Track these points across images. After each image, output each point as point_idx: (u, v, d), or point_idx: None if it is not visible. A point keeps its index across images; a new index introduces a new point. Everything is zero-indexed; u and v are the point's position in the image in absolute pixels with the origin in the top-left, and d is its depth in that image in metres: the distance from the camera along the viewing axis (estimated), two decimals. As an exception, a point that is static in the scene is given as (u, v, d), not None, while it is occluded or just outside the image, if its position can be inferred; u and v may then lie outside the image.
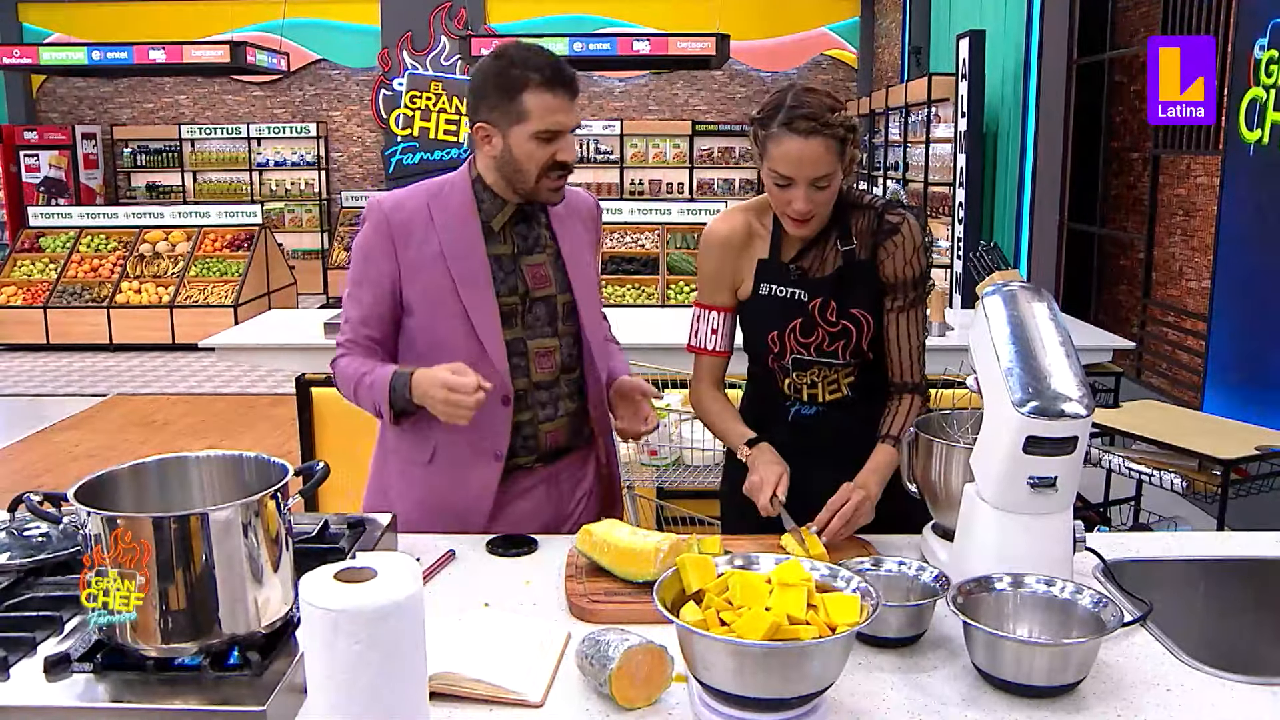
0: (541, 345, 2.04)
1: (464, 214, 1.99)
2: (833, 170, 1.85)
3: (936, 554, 1.82)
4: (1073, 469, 1.60)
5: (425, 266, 1.97)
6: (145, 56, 10.66)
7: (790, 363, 2.02)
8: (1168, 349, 6.22)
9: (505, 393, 2.00)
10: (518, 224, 2.03)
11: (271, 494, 1.39)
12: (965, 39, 8.29)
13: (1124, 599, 1.65)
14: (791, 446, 2.04)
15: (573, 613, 1.64)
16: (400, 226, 1.97)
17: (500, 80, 1.90)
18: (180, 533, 1.31)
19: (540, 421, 2.06)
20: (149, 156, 15.23)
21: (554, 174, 1.94)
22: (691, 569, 1.40)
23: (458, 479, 2.03)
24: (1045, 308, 1.68)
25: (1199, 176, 5.91)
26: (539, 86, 1.88)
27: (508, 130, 1.91)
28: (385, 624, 1.18)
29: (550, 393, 2.07)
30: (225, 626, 1.35)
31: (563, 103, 1.90)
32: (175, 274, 10.05)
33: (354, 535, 1.78)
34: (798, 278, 1.99)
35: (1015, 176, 8.20)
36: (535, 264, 2.04)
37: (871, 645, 1.51)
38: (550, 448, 2.09)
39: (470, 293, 1.97)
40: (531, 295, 2.03)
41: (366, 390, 1.95)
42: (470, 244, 1.98)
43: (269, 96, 15.37)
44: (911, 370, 2.02)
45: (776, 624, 1.25)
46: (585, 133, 15.43)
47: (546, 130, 1.90)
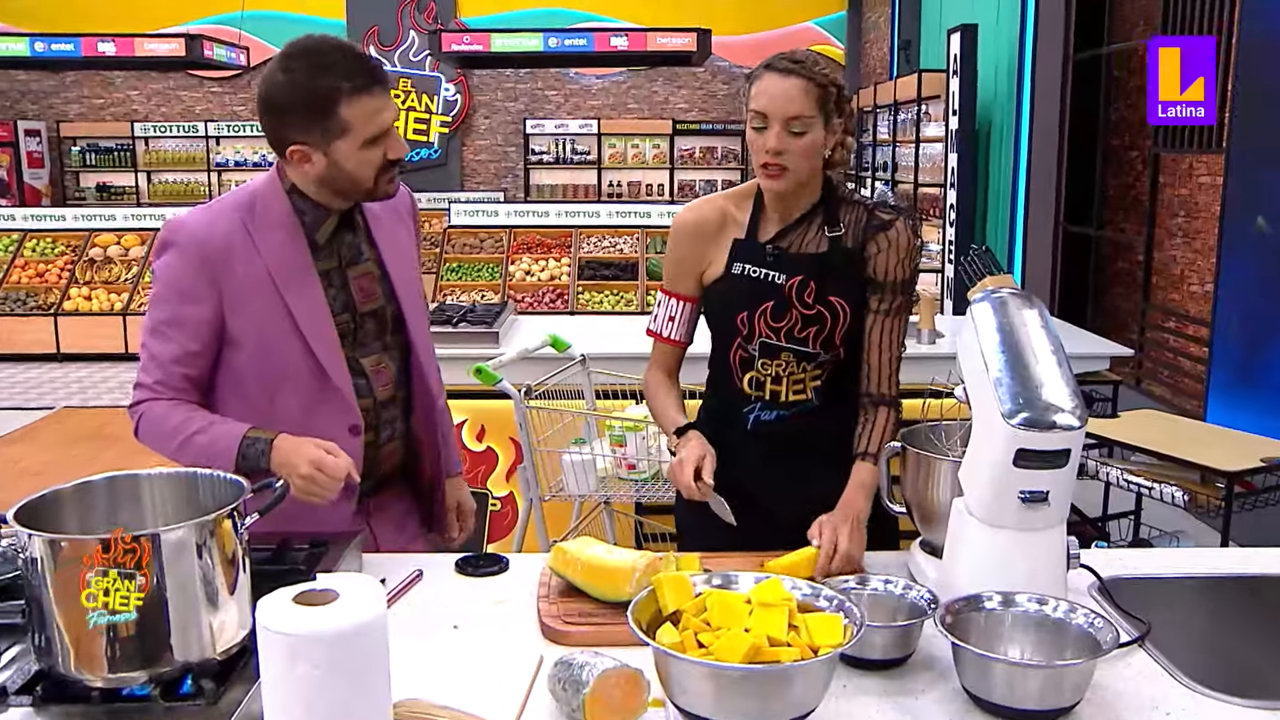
0: (375, 362, 1.99)
1: (287, 230, 1.89)
2: (811, 115, 1.89)
3: (924, 572, 1.83)
4: (1065, 483, 1.61)
5: (251, 294, 1.85)
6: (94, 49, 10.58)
7: (757, 347, 2.02)
8: (1169, 356, 6.27)
9: (354, 421, 1.93)
10: (340, 231, 1.95)
11: (227, 513, 1.39)
12: (957, 33, 8.36)
13: (1121, 618, 1.66)
14: (751, 457, 2.05)
15: (545, 635, 1.64)
16: (217, 253, 1.84)
17: (306, 99, 1.78)
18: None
19: (381, 443, 2.01)
20: (99, 155, 15.17)
21: (389, 170, 1.88)
22: (668, 588, 1.40)
23: (313, 516, 1.86)
24: (1036, 315, 1.70)
25: (1201, 175, 5.96)
26: (353, 94, 1.78)
27: (329, 147, 1.81)
28: (347, 649, 1.17)
29: (390, 411, 2.02)
30: (177, 653, 1.34)
31: (380, 100, 1.81)
32: (129, 280, 9.97)
33: (315, 555, 1.77)
34: (774, 259, 2.00)
35: (1009, 177, 8.26)
36: (360, 275, 1.97)
37: (856, 668, 1.52)
38: (388, 472, 2.06)
39: (307, 317, 1.87)
40: (360, 310, 1.96)
41: (200, 450, 1.80)
42: (299, 263, 1.89)
43: (228, 93, 15.33)
44: (887, 382, 2.02)
45: (756, 646, 1.26)
46: (561, 132, 15.46)
47: (372, 135, 1.82)
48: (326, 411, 1.91)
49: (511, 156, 15.76)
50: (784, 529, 1.90)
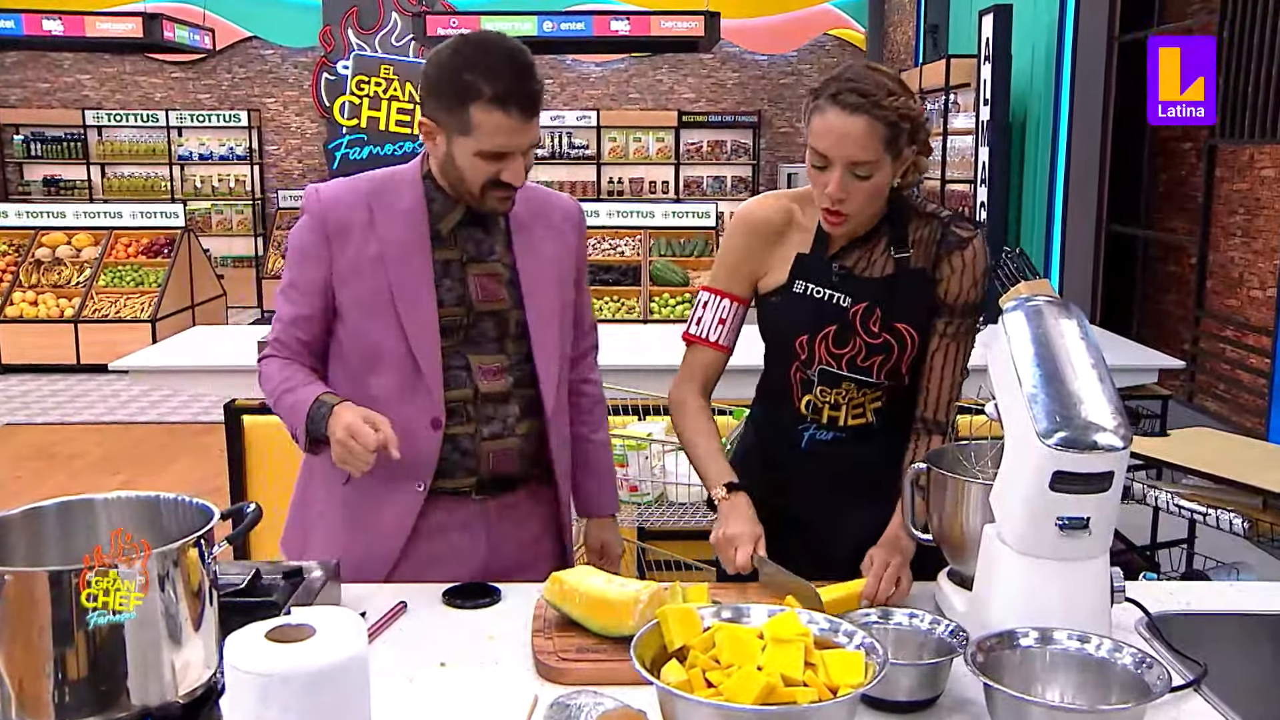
0: (486, 362, 2.06)
1: (412, 215, 2.02)
2: (876, 159, 1.88)
3: (953, 605, 1.83)
4: (1108, 508, 1.62)
5: (362, 271, 2.00)
6: (38, 28, 10.50)
7: (816, 374, 2.04)
8: (1226, 368, 6.28)
9: (435, 414, 2.01)
10: (469, 227, 2.06)
11: (193, 541, 1.39)
12: (989, 15, 8.38)
13: (1173, 659, 1.66)
14: (801, 480, 2.07)
15: (540, 672, 1.65)
16: (336, 224, 2.01)
17: (450, 82, 1.91)
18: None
19: (483, 439, 2.06)
20: (46, 145, 15.18)
21: (500, 189, 1.97)
22: (674, 622, 1.41)
23: (371, 507, 2.05)
24: (1074, 325, 1.71)
25: (1263, 168, 5.95)
26: (490, 102, 1.88)
27: (452, 137, 1.93)
28: (323, 690, 1.18)
29: (499, 408, 2.07)
30: (135, 697, 1.34)
31: (515, 123, 1.90)
32: (80, 284, 10.00)
33: (290, 587, 1.78)
34: (840, 279, 2.01)
35: (1046, 172, 8.28)
36: (484, 273, 2.06)
37: (879, 710, 1.52)
38: (493, 473, 2.08)
39: (408, 304, 2.00)
40: (476, 309, 2.05)
41: (287, 409, 1.99)
42: (414, 249, 2.01)
43: (191, 79, 15.37)
44: (945, 409, 2.03)
45: (770, 686, 1.26)
46: (557, 125, 15.50)
47: (491, 151, 1.91)
48: (414, 399, 2.01)
49: (502, 150, 15.78)
50: (834, 563, 1.92)
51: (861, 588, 1.84)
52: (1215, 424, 5.68)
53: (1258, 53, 5.60)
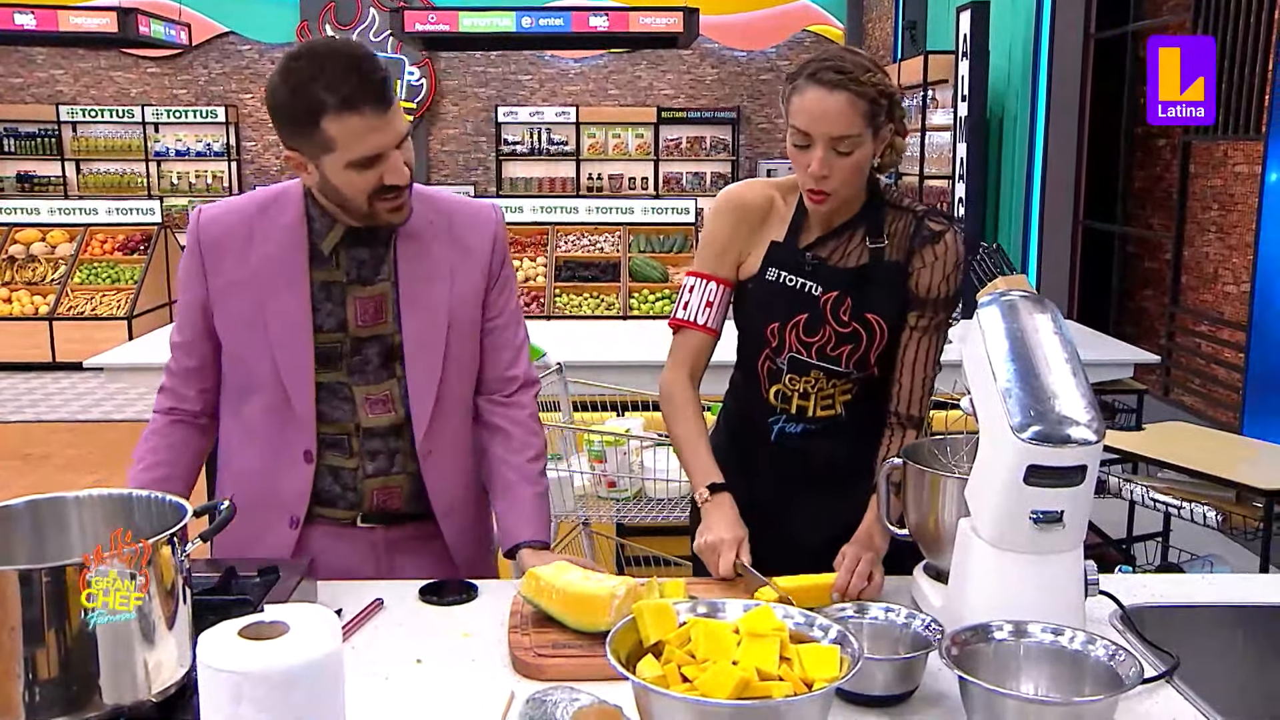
0: (373, 391, 1.97)
1: (289, 232, 1.93)
2: (858, 133, 1.89)
3: (928, 599, 1.84)
4: (1081, 502, 1.63)
5: (234, 293, 1.92)
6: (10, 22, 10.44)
7: (786, 362, 2.05)
8: (1200, 363, 6.32)
9: (307, 447, 1.95)
10: (353, 246, 1.94)
11: (166, 539, 1.39)
12: (967, 11, 8.42)
13: (1146, 650, 1.67)
14: (771, 472, 2.08)
15: (516, 668, 1.65)
16: (211, 243, 1.93)
17: (292, 106, 1.78)
18: (53, 587, 1.30)
19: (366, 475, 1.99)
20: (19, 141, 15.07)
21: (387, 195, 1.85)
22: (650, 617, 1.41)
23: (252, 533, 1.94)
24: (1049, 319, 1.72)
25: (1237, 164, 5.99)
26: (338, 110, 1.75)
27: (319, 159, 1.81)
28: (297, 687, 1.18)
29: (386, 442, 1.99)
30: (108, 696, 1.34)
31: (371, 121, 1.77)
32: (55, 281, 9.92)
33: (265, 585, 1.77)
34: (813, 268, 2.02)
35: (1023, 168, 8.31)
36: (368, 295, 1.95)
37: (854, 704, 1.53)
38: (378, 509, 2.02)
39: (279, 327, 1.91)
40: (355, 334, 1.95)
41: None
42: (291, 270, 1.92)
43: (167, 75, 15.28)
44: (918, 403, 2.04)
45: (745, 680, 1.27)
46: (536, 121, 15.47)
47: (360, 158, 1.79)
48: (285, 429, 1.95)
49: (482, 147, 15.78)
50: (803, 556, 1.92)
51: (832, 581, 1.85)
52: (1190, 418, 5.72)
53: (1232, 50, 5.64)
